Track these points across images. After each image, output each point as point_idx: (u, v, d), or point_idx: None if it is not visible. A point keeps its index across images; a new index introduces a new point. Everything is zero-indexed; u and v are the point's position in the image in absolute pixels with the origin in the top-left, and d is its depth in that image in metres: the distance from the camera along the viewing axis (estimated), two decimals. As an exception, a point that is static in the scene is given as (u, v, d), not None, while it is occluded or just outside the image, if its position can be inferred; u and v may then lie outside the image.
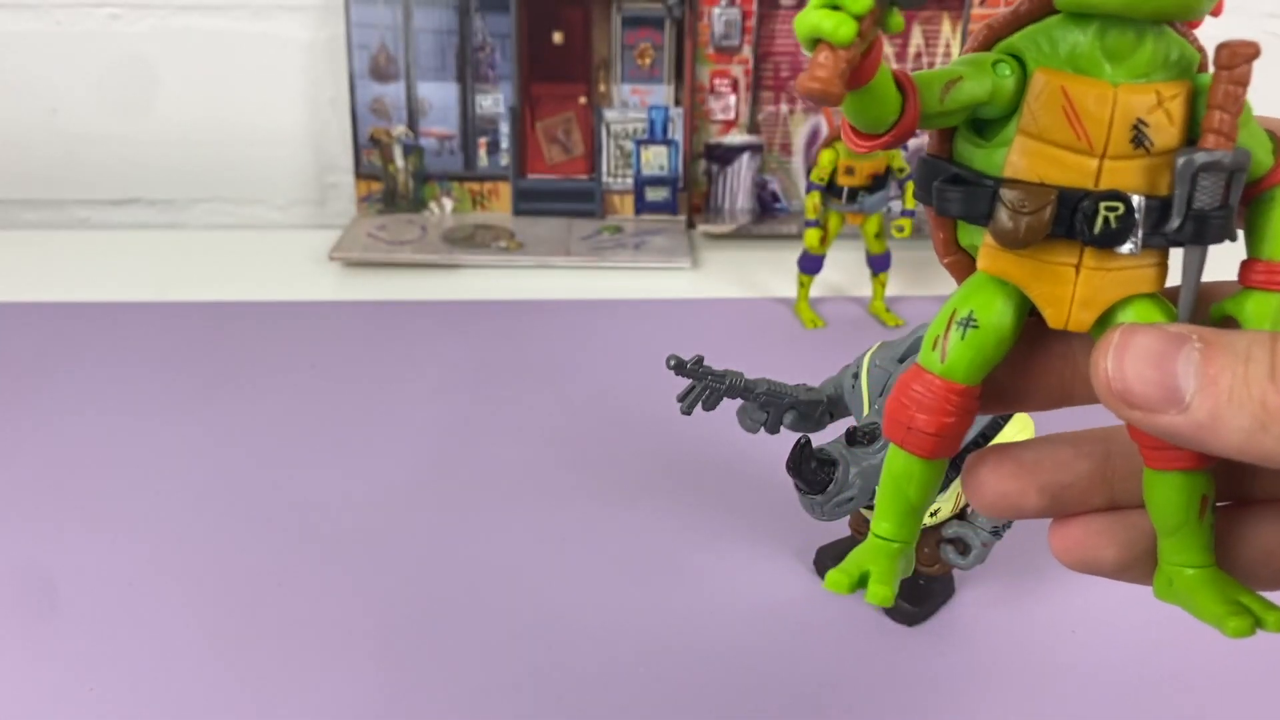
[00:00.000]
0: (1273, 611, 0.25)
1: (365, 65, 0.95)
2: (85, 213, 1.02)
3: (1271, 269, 0.24)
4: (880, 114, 0.23)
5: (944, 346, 0.26)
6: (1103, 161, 0.23)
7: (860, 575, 0.27)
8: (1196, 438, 0.23)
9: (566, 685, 0.51)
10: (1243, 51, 0.23)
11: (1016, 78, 0.23)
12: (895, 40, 0.96)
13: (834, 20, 0.20)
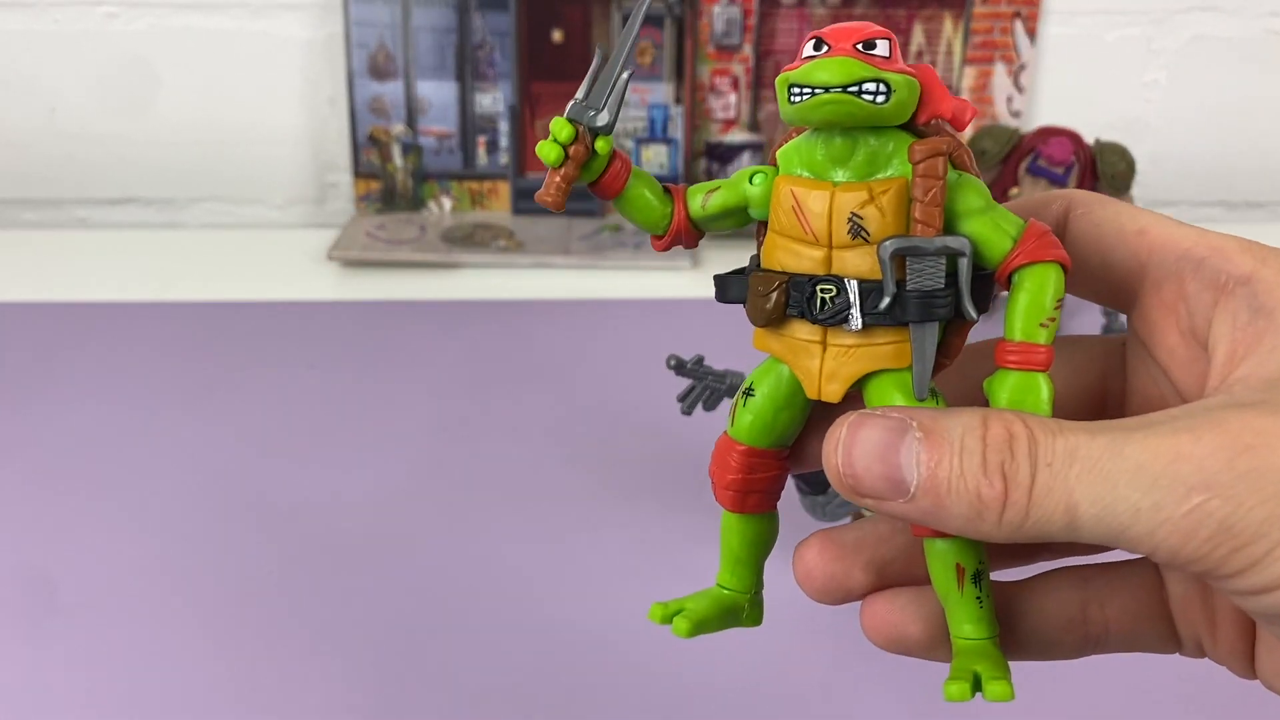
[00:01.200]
0: (997, 683, 0.26)
1: (364, 64, 0.94)
2: (83, 212, 1.02)
3: (1019, 349, 0.26)
4: (649, 219, 0.29)
5: (733, 413, 0.30)
6: (830, 251, 0.26)
7: (676, 608, 0.31)
8: (925, 521, 0.24)
9: (565, 685, 0.51)
10: (927, 148, 0.26)
11: (765, 186, 0.28)
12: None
13: (547, 147, 0.27)
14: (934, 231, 0.26)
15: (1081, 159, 0.75)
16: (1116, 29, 0.99)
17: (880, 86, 0.25)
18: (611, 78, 0.28)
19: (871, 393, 0.27)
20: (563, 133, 0.27)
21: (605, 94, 0.28)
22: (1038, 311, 0.26)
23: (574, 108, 0.28)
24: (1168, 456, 0.22)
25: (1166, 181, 1.05)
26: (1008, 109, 0.98)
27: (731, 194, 0.28)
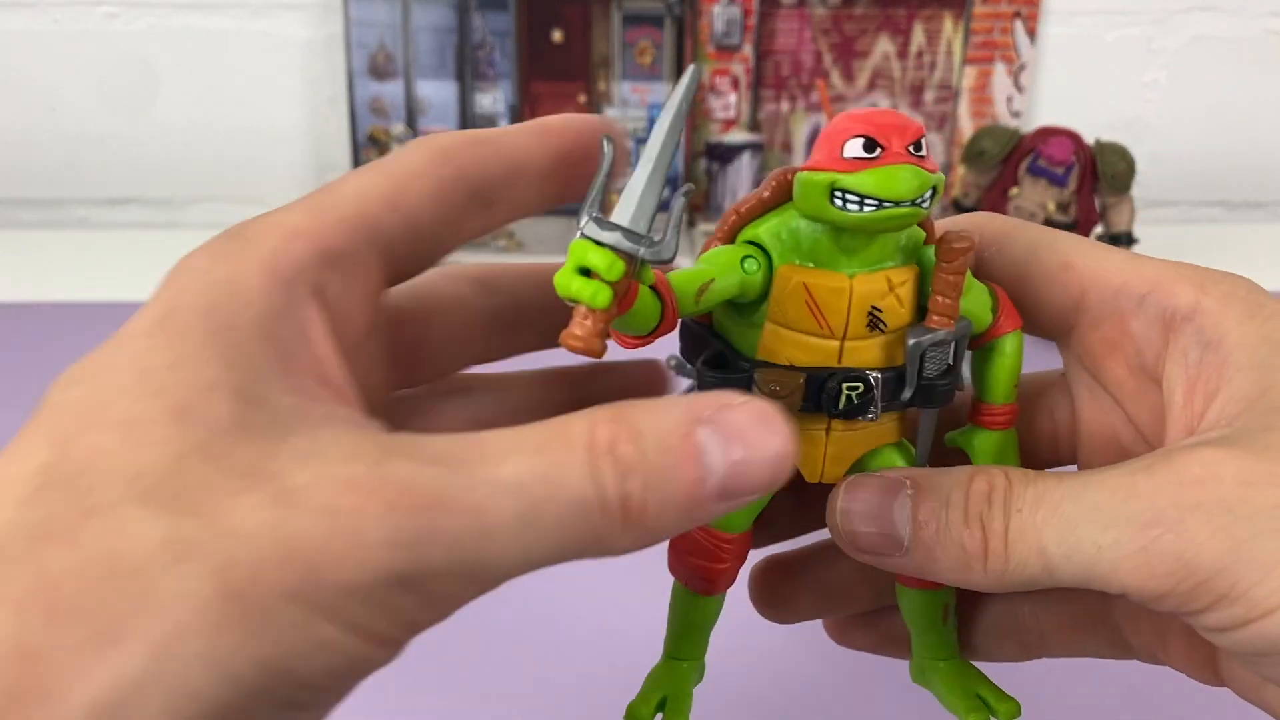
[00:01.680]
0: (1005, 702, 0.29)
1: (364, 64, 0.94)
2: (83, 212, 1.02)
3: (992, 411, 0.28)
4: (643, 325, 0.24)
5: None
6: (844, 343, 0.25)
7: (657, 704, 0.31)
8: (921, 574, 0.26)
9: (564, 685, 0.51)
10: (959, 248, 0.25)
11: (763, 272, 0.25)
12: (897, 39, 0.96)
13: (591, 289, 0.21)
14: (952, 324, 0.26)
15: (1081, 159, 0.75)
16: (1116, 29, 0.99)
17: (931, 194, 0.24)
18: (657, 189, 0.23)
19: (870, 466, 0.28)
20: (613, 271, 0.22)
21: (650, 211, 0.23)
22: (1014, 375, 0.28)
23: (608, 230, 0.22)
24: (1122, 494, 0.23)
25: (1166, 181, 1.05)
26: (1008, 109, 0.98)
27: (727, 284, 0.25)
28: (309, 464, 0.18)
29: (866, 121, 0.24)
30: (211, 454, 0.18)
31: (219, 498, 0.17)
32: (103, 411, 0.19)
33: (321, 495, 0.18)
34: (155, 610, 0.17)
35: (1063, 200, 0.75)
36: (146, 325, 0.20)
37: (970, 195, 0.80)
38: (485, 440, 0.19)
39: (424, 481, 0.18)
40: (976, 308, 0.27)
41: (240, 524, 0.17)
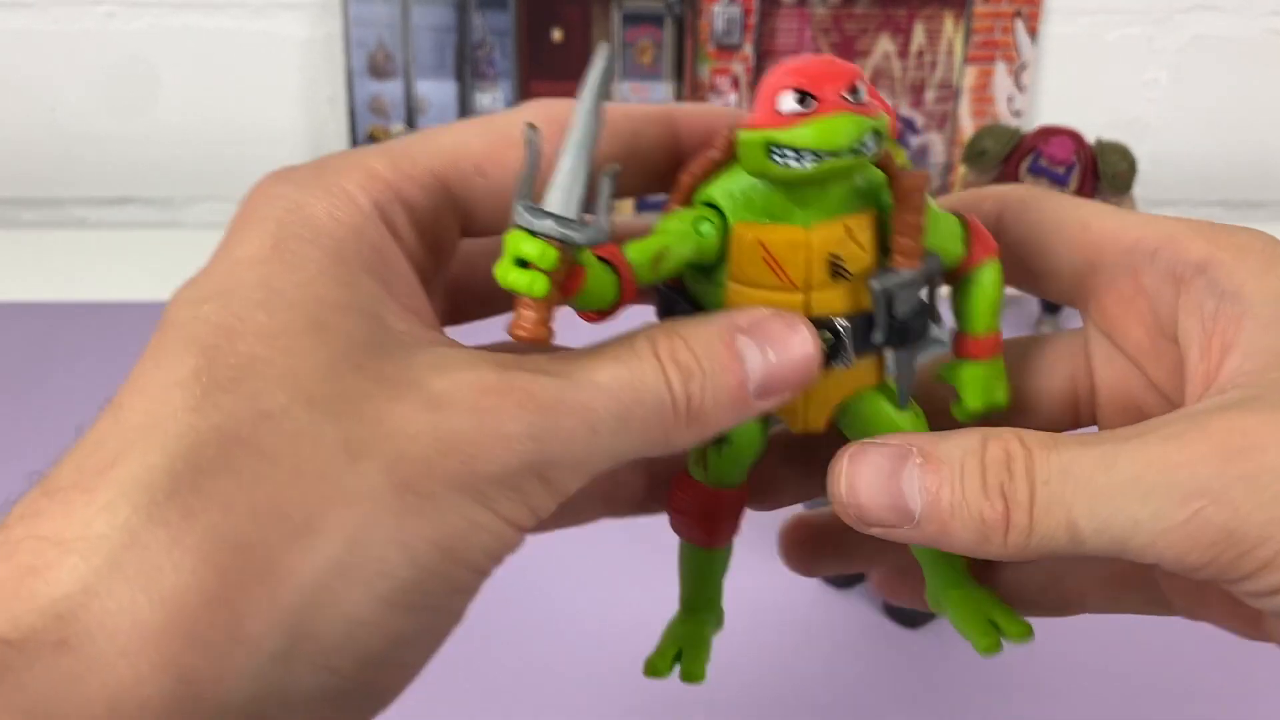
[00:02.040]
0: (1017, 624, 0.28)
1: (363, 63, 0.94)
2: (82, 212, 1.02)
3: (975, 342, 0.28)
4: (600, 301, 0.24)
5: (704, 463, 0.28)
6: (809, 294, 0.25)
7: (672, 657, 0.32)
8: (933, 544, 0.25)
9: (564, 686, 0.51)
10: (915, 186, 0.25)
11: (719, 233, 0.25)
12: (897, 39, 0.95)
13: (528, 279, 0.22)
14: (917, 263, 0.25)
15: (1082, 159, 0.74)
16: (1117, 28, 0.99)
17: (874, 138, 0.24)
18: (583, 171, 0.23)
19: (855, 410, 0.28)
20: (546, 259, 0.22)
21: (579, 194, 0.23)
22: (995, 306, 0.28)
23: (538, 217, 0.22)
24: (1160, 466, 0.22)
25: (1167, 181, 1.05)
26: (1008, 108, 0.98)
27: (683, 249, 0.25)
28: (443, 374, 0.20)
29: (798, 73, 0.24)
30: (355, 363, 0.20)
31: (378, 403, 0.20)
32: (242, 323, 0.20)
33: (464, 398, 0.20)
34: (344, 503, 0.19)
35: (1064, 200, 0.75)
36: (260, 250, 0.21)
37: (971, 195, 0.80)
38: (573, 354, 0.23)
39: (542, 386, 0.21)
40: (946, 241, 0.27)
41: (402, 426, 0.19)
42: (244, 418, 0.19)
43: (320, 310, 0.20)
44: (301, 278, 0.21)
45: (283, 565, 0.18)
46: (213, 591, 0.18)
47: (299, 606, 0.18)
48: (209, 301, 0.21)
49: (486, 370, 0.21)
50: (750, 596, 0.58)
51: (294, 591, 0.18)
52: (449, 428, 0.20)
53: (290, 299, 0.20)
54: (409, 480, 0.19)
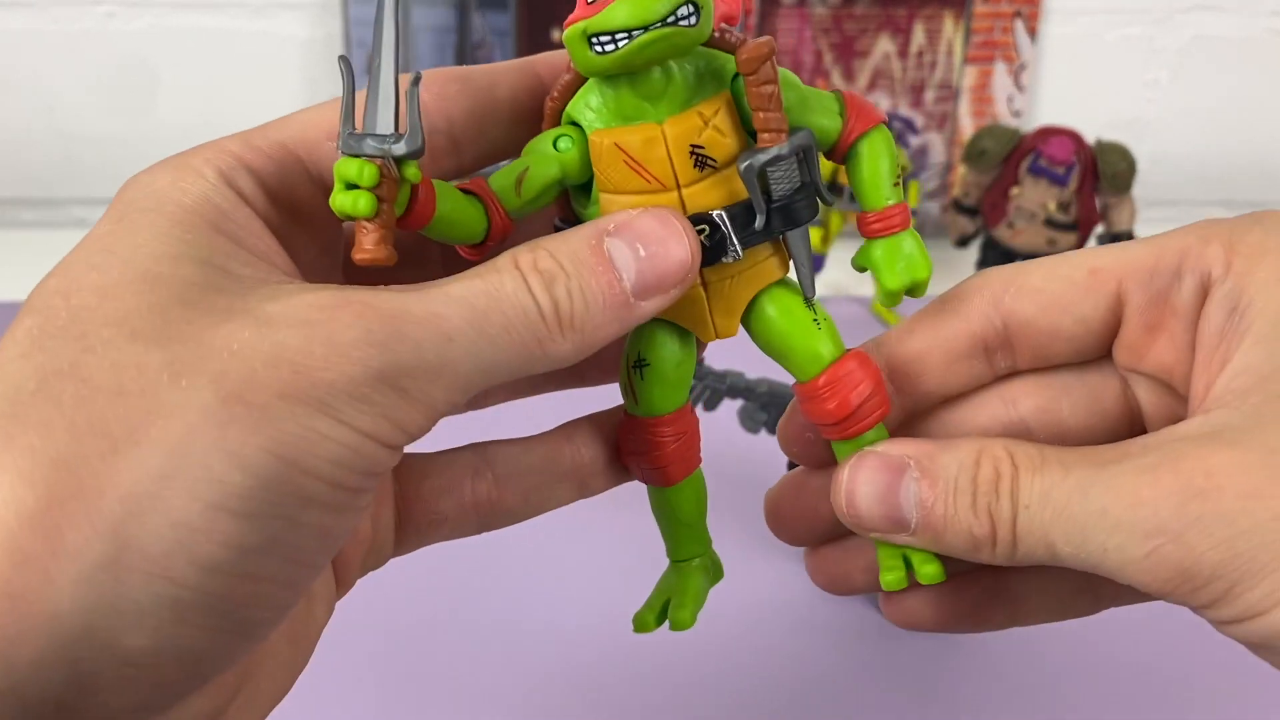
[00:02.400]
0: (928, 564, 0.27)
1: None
2: (82, 212, 1.02)
3: (880, 216, 0.26)
4: (468, 232, 0.24)
5: (633, 391, 0.28)
6: (681, 191, 0.25)
7: (661, 607, 0.31)
8: (927, 549, 0.26)
9: (564, 686, 0.51)
10: (757, 54, 0.24)
11: (579, 147, 0.25)
12: (897, 39, 0.95)
13: (352, 199, 0.22)
14: (782, 138, 0.25)
15: (1082, 159, 0.75)
16: (1117, 28, 0.99)
17: (691, 9, 0.23)
18: (391, 90, 0.23)
19: (763, 311, 0.27)
20: (365, 176, 0.22)
21: (393, 112, 0.23)
22: (885, 176, 0.26)
23: (357, 140, 0.23)
24: (1127, 501, 0.23)
25: (1167, 181, 1.05)
26: (1008, 108, 0.98)
27: (544, 170, 0.25)
28: (277, 300, 0.21)
29: None
30: (188, 300, 0.20)
31: (203, 329, 0.20)
32: (77, 284, 0.21)
33: (295, 314, 0.20)
34: (165, 416, 0.19)
35: (1063, 200, 0.75)
36: (107, 224, 0.23)
37: (971, 195, 0.80)
38: (428, 282, 0.22)
39: (383, 299, 0.21)
40: (820, 116, 0.26)
41: (226, 343, 0.20)
42: (67, 355, 0.20)
43: (153, 263, 0.21)
44: (138, 240, 0.21)
45: (102, 477, 0.19)
46: (30, 508, 0.18)
47: (121, 516, 0.19)
48: (54, 276, 0.22)
49: (324, 292, 0.21)
50: (750, 596, 0.59)
51: (115, 502, 0.19)
52: (276, 339, 0.20)
53: (124, 257, 0.21)
54: (236, 392, 0.19)
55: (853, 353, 0.28)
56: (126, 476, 0.19)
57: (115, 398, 0.19)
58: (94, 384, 0.19)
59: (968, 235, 0.82)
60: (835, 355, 0.28)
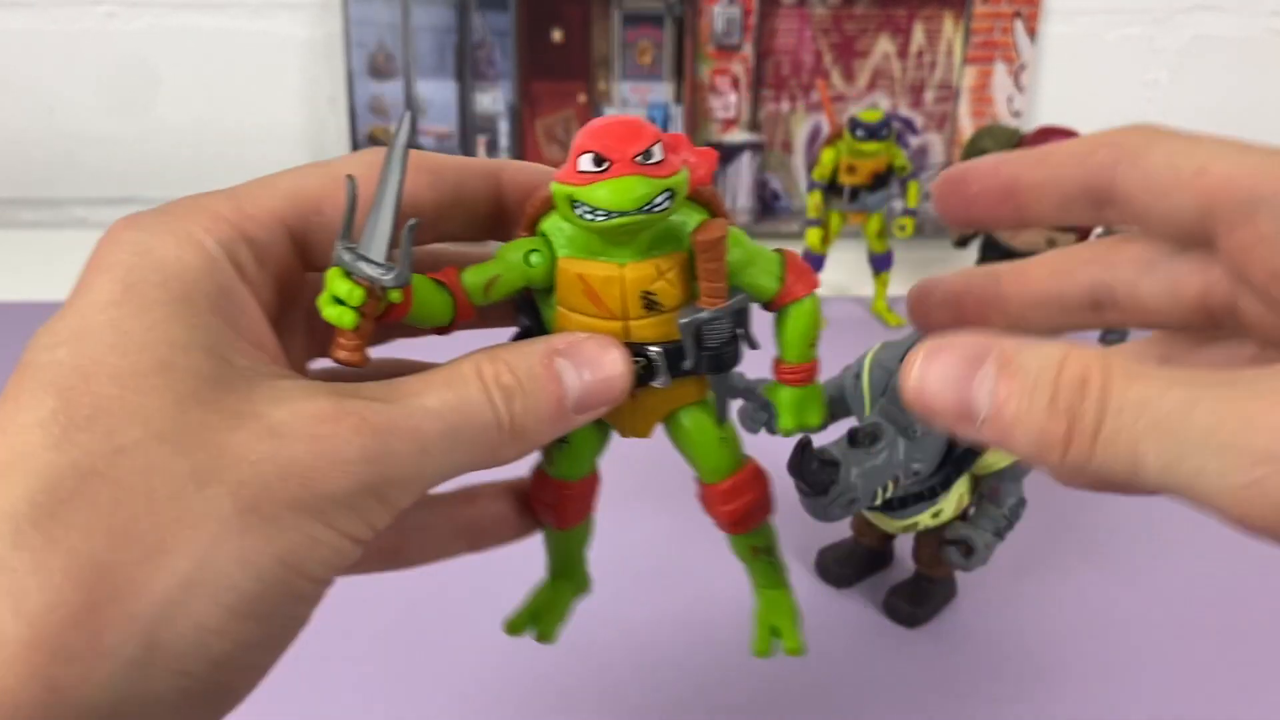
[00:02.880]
0: (793, 640, 0.34)
1: (364, 63, 0.94)
2: (83, 212, 1.02)
3: (792, 369, 0.32)
4: (437, 320, 0.28)
5: (551, 460, 0.32)
6: (627, 322, 0.28)
7: (529, 617, 0.36)
8: (991, 444, 0.25)
9: (564, 685, 0.51)
10: (709, 238, 0.27)
11: (547, 264, 0.28)
12: (897, 39, 0.96)
13: (338, 312, 0.25)
14: (721, 302, 0.29)
15: (1082, 159, 0.75)
16: (1117, 28, 0.99)
17: (666, 196, 0.26)
18: (389, 224, 0.26)
19: (680, 422, 0.32)
20: (354, 297, 0.25)
21: (387, 243, 0.25)
22: (808, 338, 0.31)
23: (352, 259, 0.25)
24: (1236, 424, 0.22)
25: (1167, 181, 1.05)
26: (1008, 109, 0.98)
27: (513, 278, 0.28)
28: (281, 405, 0.23)
29: (597, 136, 0.26)
30: (201, 399, 0.22)
31: (221, 434, 0.22)
32: (96, 366, 0.22)
33: (301, 426, 0.22)
34: (192, 526, 0.21)
35: (1063, 200, 0.75)
36: (111, 294, 0.23)
37: (970, 195, 0.80)
38: (405, 382, 0.25)
39: (375, 411, 0.23)
40: (761, 278, 0.30)
41: (244, 454, 0.22)
42: (100, 453, 0.21)
43: (168, 351, 0.22)
44: (150, 320, 0.23)
45: (137, 582, 0.21)
46: (74, 608, 0.20)
47: (153, 619, 0.21)
48: (64, 345, 0.23)
49: (323, 399, 0.23)
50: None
51: (149, 606, 0.21)
52: (288, 455, 0.22)
53: (140, 341, 0.22)
54: (252, 503, 0.22)
55: (748, 466, 0.33)
56: (159, 582, 0.21)
57: (148, 504, 0.21)
58: (128, 488, 0.21)
59: (967, 235, 0.82)
60: (735, 468, 0.33)
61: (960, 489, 0.50)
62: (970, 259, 0.84)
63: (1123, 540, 0.60)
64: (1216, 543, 0.60)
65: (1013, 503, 0.51)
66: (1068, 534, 0.61)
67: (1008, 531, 0.51)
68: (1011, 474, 0.49)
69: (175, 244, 0.24)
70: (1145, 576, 0.58)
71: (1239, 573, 0.58)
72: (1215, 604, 0.56)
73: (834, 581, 0.57)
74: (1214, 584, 0.58)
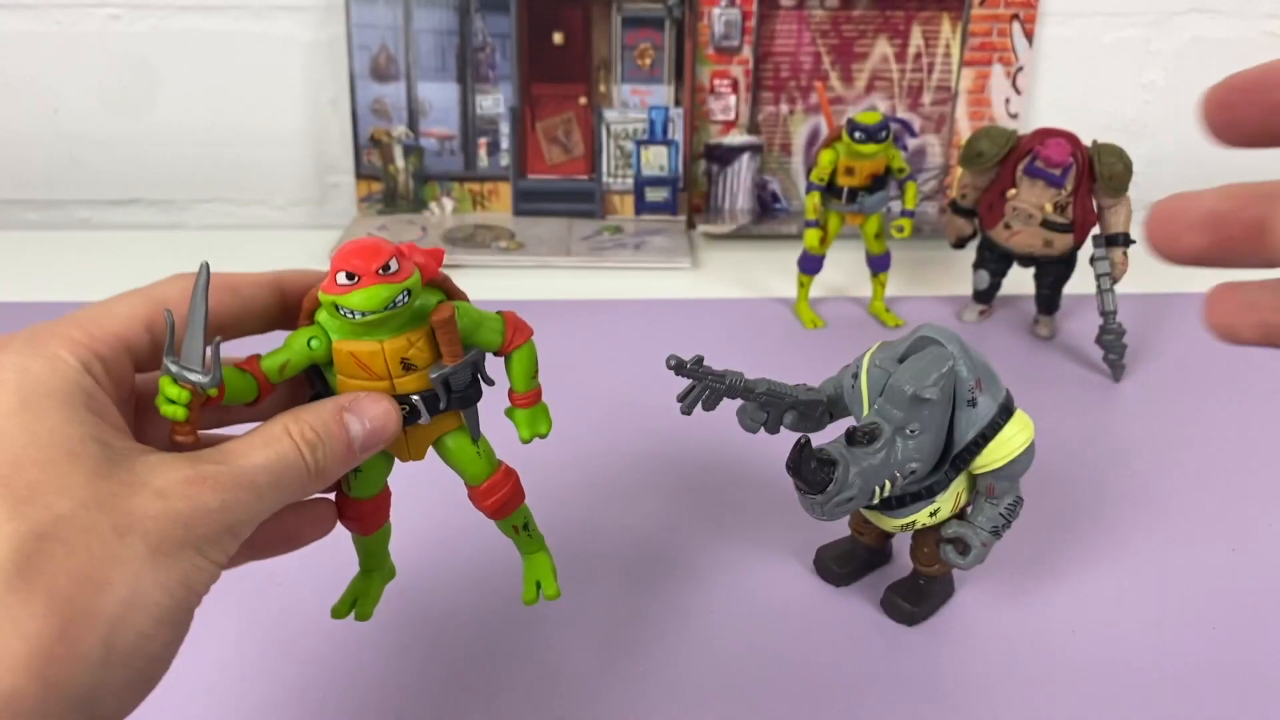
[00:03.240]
0: (551, 587, 0.46)
1: (366, 65, 0.95)
2: (86, 213, 1.03)
3: (521, 396, 0.42)
4: (245, 398, 0.38)
5: (348, 483, 0.42)
6: (392, 380, 0.39)
7: (350, 602, 0.47)
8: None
9: (565, 685, 0.51)
10: (442, 319, 0.38)
11: (325, 346, 0.38)
12: (895, 42, 0.96)
13: (171, 410, 0.35)
14: (457, 360, 0.39)
15: (1079, 160, 0.75)
16: (1114, 30, 0.99)
17: (405, 295, 0.36)
18: (200, 340, 0.36)
19: (445, 444, 0.42)
20: (182, 397, 0.35)
21: (200, 355, 0.35)
22: (529, 372, 0.42)
23: (178, 370, 0.35)
24: None
25: (1164, 183, 1.05)
26: (1005, 110, 0.99)
27: (300, 361, 0.38)
28: (158, 474, 0.32)
29: (347, 257, 0.36)
30: (104, 475, 0.31)
31: (125, 500, 0.31)
32: (20, 459, 0.30)
33: (176, 489, 0.32)
34: (123, 565, 0.30)
35: (1060, 201, 0.76)
36: (11, 406, 0.31)
37: (968, 196, 0.81)
38: (234, 445, 0.34)
39: (221, 473, 0.33)
40: (489, 336, 0.41)
41: (145, 512, 0.31)
42: (45, 520, 0.30)
43: (70, 444, 0.31)
44: (50, 422, 0.31)
45: (94, 607, 0.29)
46: (56, 629, 0.29)
47: (108, 632, 0.30)
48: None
49: (185, 467, 0.32)
50: (750, 595, 0.59)
51: (104, 623, 0.30)
52: (174, 510, 0.31)
53: (46, 439, 0.31)
54: (158, 546, 0.31)
55: (501, 469, 0.44)
56: (109, 607, 0.30)
57: (88, 552, 0.30)
58: (72, 543, 0.30)
59: (965, 237, 0.83)
60: (491, 472, 0.43)
61: (957, 488, 0.50)
62: (968, 259, 0.84)
63: (1121, 539, 0.61)
64: (1216, 542, 0.61)
65: (1010, 501, 0.51)
66: (1066, 533, 0.61)
67: (1005, 530, 0.51)
68: (1008, 473, 0.50)
69: (47, 363, 0.32)
70: (1144, 576, 0.58)
71: (1238, 572, 0.59)
72: (1214, 603, 0.56)
73: (832, 580, 0.57)
74: (1213, 584, 0.58)
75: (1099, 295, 0.76)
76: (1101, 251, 0.76)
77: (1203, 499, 0.64)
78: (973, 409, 0.48)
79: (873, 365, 0.49)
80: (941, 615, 0.55)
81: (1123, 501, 0.64)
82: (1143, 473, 0.66)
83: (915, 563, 0.54)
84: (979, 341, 0.67)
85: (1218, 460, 0.68)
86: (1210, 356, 0.79)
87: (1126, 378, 0.77)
